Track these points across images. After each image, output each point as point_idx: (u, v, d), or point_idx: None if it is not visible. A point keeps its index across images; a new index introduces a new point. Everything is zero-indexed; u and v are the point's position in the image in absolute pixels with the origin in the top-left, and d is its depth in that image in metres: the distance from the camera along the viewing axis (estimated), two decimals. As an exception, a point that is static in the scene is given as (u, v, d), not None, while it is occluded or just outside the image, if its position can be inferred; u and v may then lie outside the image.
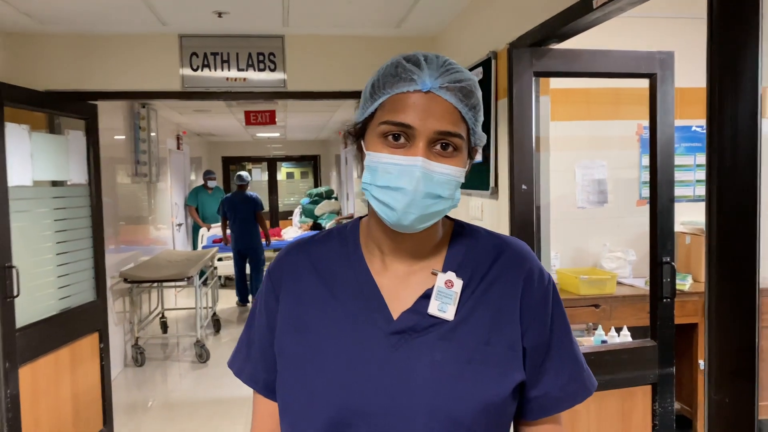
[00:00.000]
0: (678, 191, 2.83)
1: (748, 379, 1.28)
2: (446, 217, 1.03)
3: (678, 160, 2.95)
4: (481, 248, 0.99)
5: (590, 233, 3.93)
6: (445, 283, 0.93)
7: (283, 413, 0.96)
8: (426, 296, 0.93)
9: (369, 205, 0.94)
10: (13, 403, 2.91)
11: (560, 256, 3.88)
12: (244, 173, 7.69)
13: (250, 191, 7.59)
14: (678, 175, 3.05)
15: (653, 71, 2.46)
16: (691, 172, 4.01)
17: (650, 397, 2.57)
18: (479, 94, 0.92)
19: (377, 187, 0.89)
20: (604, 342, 2.76)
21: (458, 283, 0.93)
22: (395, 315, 0.93)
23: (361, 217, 1.04)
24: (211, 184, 9.07)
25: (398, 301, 0.94)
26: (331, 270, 0.98)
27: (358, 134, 0.95)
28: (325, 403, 0.89)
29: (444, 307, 0.92)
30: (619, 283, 3.63)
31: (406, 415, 0.87)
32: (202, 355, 5.42)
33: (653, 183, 2.50)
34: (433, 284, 0.93)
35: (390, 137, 0.88)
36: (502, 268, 0.96)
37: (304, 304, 0.97)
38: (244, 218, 7.35)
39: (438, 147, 0.87)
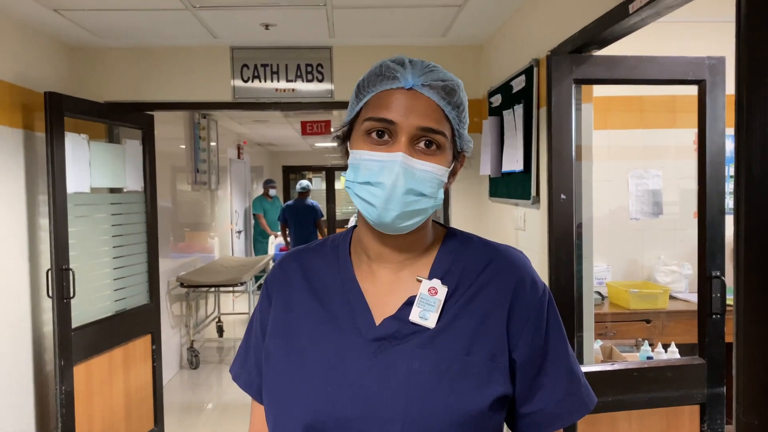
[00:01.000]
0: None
1: (780, 401, 1.21)
2: (440, 224, 1.02)
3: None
4: (471, 255, 0.96)
5: (644, 246, 3.80)
6: (429, 290, 0.91)
7: (267, 417, 0.96)
8: (410, 303, 0.92)
9: (358, 211, 0.94)
10: (67, 399, 3.05)
11: (612, 269, 3.76)
12: (305, 182, 7.86)
13: (310, 199, 7.75)
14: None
15: (702, 78, 2.37)
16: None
17: (698, 418, 2.45)
18: (463, 95, 0.92)
19: (358, 184, 0.89)
20: (649, 358, 2.65)
21: (442, 291, 0.91)
22: (378, 321, 0.91)
23: (354, 227, 1.04)
24: (271, 192, 9.23)
25: (383, 307, 0.93)
26: (319, 277, 0.99)
27: (345, 136, 0.96)
28: (302, 409, 0.88)
29: (426, 315, 0.90)
30: (673, 298, 3.49)
31: (381, 423, 0.85)
32: (254, 360, 5.52)
33: (701, 194, 2.40)
34: (418, 291, 0.92)
35: (374, 134, 0.88)
36: (491, 276, 0.94)
37: (291, 311, 0.97)
38: (304, 225, 7.52)
39: (421, 144, 0.87)
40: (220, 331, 6.53)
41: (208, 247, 6.98)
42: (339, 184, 13.97)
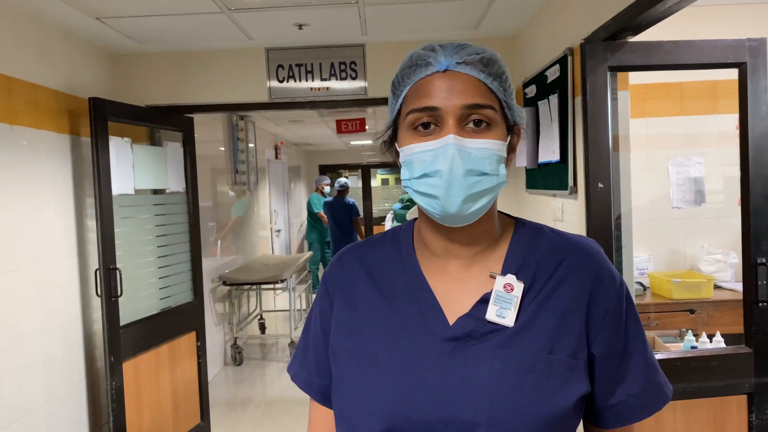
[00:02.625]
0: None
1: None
2: (508, 215, 0.98)
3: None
4: (545, 248, 0.92)
5: (687, 234, 3.73)
6: (504, 287, 0.87)
7: (339, 422, 0.93)
8: (484, 301, 0.88)
9: (418, 207, 0.91)
10: (117, 394, 3.16)
11: (654, 259, 3.70)
12: (344, 179, 7.90)
13: (349, 198, 7.79)
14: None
15: (743, 60, 2.32)
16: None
17: (746, 408, 2.40)
18: (503, 65, 0.88)
19: (415, 180, 0.85)
20: (693, 348, 2.61)
21: (518, 287, 0.87)
22: (451, 320, 0.87)
23: (415, 219, 1.00)
24: (326, 189, 8.96)
25: (454, 305, 0.89)
26: (384, 274, 0.95)
27: (392, 139, 0.92)
28: (379, 413, 0.85)
29: (503, 313, 0.86)
30: (718, 288, 3.41)
31: (463, 426, 0.82)
32: (296, 356, 5.60)
33: (744, 179, 2.35)
34: (492, 288, 0.88)
35: (420, 127, 0.85)
36: (568, 270, 0.90)
37: (357, 310, 0.94)
38: (341, 223, 7.59)
39: (471, 124, 0.83)
40: (263, 328, 6.64)
41: (249, 245, 7.10)
42: (375, 182, 14.03)
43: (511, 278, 0.88)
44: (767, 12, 3.18)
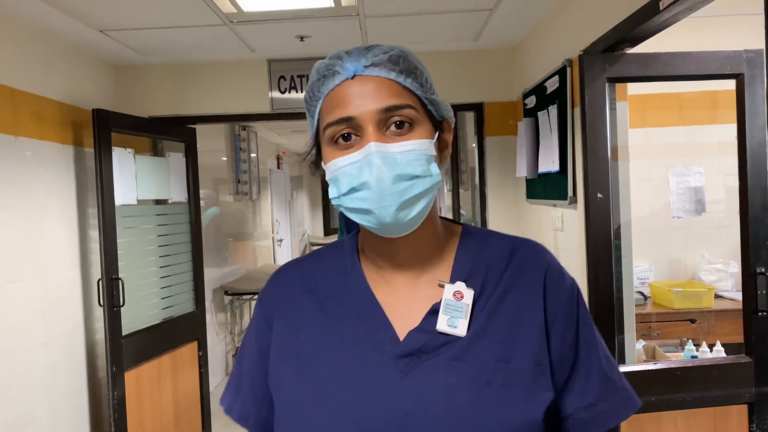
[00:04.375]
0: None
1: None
2: (453, 222, 0.94)
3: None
4: (492, 252, 0.87)
5: (687, 244, 3.74)
6: (454, 295, 0.82)
7: None
8: (434, 311, 0.82)
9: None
10: (119, 404, 3.17)
11: (654, 269, 3.71)
12: None
13: None
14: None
15: (740, 71, 2.34)
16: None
17: (747, 417, 2.40)
18: (413, 59, 0.83)
19: (344, 196, 0.80)
20: (694, 357, 2.61)
21: (468, 294, 0.83)
22: (402, 335, 0.82)
23: (358, 230, 0.94)
24: None
25: (404, 319, 0.83)
26: (328, 291, 0.89)
27: (317, 158, 0.87)
28: None
29: (454, 322, 0.81)
30: (719, 297, 3.42)
31: None
32: (297, 366, 5.60)
33: (743, 189, 2.37)
34: (441, 298, 0.83)
35: (340, 140, 0.80)
36: (517, 271, 0.86)
37: (300, 331, 0.87)
38: (351, 224, 7.59)
39: (392, 128, 0.78)
40: (264, 338, 6.63)
41: (251, 255, 7.11)
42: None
43: (460, 285, 0.83)
44: (763, 23, 3.20)
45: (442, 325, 0.81)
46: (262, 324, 0.92)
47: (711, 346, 2.70)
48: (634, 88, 3.12)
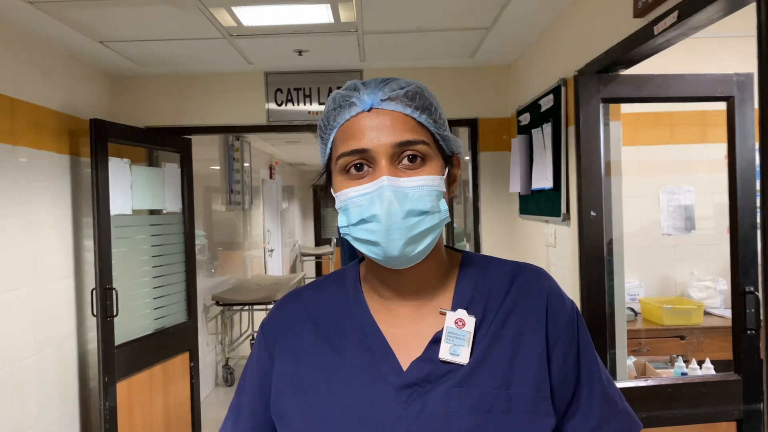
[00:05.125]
0: None
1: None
2: (454, 249, 0.94)
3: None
4: (493, 278, 0.88)
5: (677, 261, 3.78)
6: (456, 323, 0.83)
7: None
8: (437, 340, 0.83)
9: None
10: (110, 415, 3.15)
11: (645, 285, 3.75)
12: None
13: None
14: None
15: (730, 94, 2.39)
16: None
17: (735, 435, 2.43)
18: (429, 95, 0.85)
19: (354, 226, 0.81)
20: (684, 374, 2.65)
21: (470, 322, 0.83)
22: (405, 365, 0.82)
23: (361, 259, 0.95)
24: None
25: (408, 349, 0.84)
26: (330, 320, 0.89)
27: (327, 183, 0.88)
28: None
29: (456, 350, 0.81)
30: (708, 314, 3.46)
31: None
32: (288, 377, 5.59)
33: (733, 209, 2.41)
34: (443, 326, 0.83)
35: (352, 169, 0.81)
36: (519, 295, 0.86)
37: (302, 362, 0.87)
38: (349, 245, 7.55)
39: (404, 161, 0.80)
40: (254, 348, 6.62)
41: (242, 265, 7.11)
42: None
43: (461, 313, 0.84)
44: (754, 46, 3.27)
45: (445, 353, 0.82)
46: (264, 354, 0.92)
47: (700, 363, 2.73)
48: (627, 107, 3.17)
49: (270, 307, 6.18)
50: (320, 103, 3.85)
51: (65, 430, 3.17)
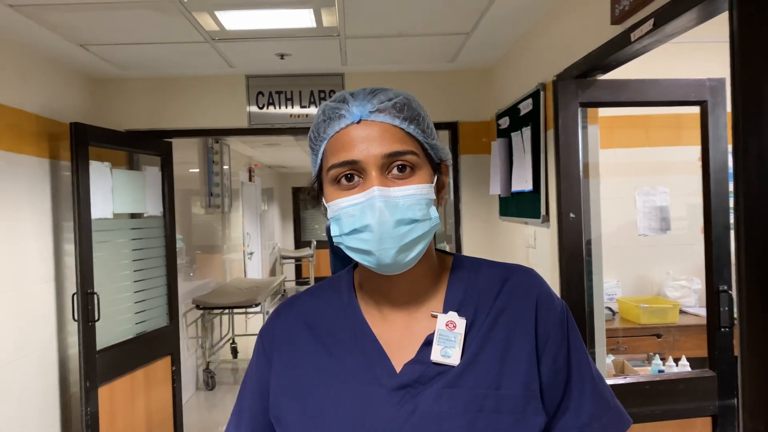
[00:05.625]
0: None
1: (784, 408, 1.28)
2: (445, 252, 0.96)
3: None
4: (483, 281, 0.90)
5: (653, 261, 3.86)
6: (447, 325, 0.85)
7: None
8: (428, 342, 0.85)
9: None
10: (92, 420, 3.13)
11: (622, 285, 3.82)
12: None
13: None
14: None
15: (704, 99, 2.46)
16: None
17: (711, 430, 2.50)
18: (417, 106, 0.87)
19: (346, 236, 0.83)
20: (661, 371, 2.71)
21: (461, 323, 0.85)
22: (398, 368, 0.85)
23: (355, 265, 0.97)
24: None
25: (401, 352, 0.86)
26: (326, 326, 0.91)
27: (318, 193, 0.91)
28: None
29: (447, 352, 0.84)
30: (683, 313, 3.54)
31: None
32: (269, 380, 5.59)
33: (707, 210, 2.48)
34: (435, 329, 0.86)
35: (342, 180, 0.83)
36: (508, 298, 0.88)
37: (300, 366, 0.90)
38: (337, 247, 7.55)
39: (394, 171, 0.82)
40: (234, 352, 6.60)
41: (222, 269, 7.08)
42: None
43: (452, 315, 0.86)
44: (727, 51, 3.36)
45: (436, 355, 0.84)
46: (263, 359, 0.95)
47: (677, 360, 2.80)
48: (604, 110, 3.24)
49: (250, 310, 6.18)
50: (302, 106, 3.87)
51: (46, 437, 3.14)
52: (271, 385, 0.92)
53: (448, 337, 0.84)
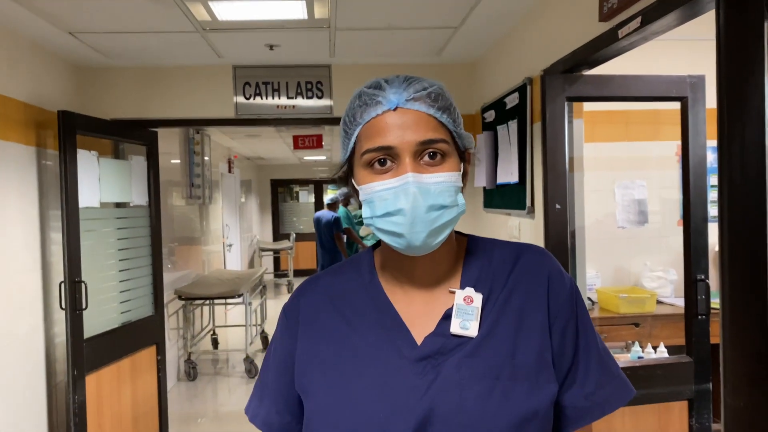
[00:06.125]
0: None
1: (764, 385, 1.36)
2: (460, 233, 1.01)
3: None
4: (498, 259, 0.96)
5: (631, 253, 3.96)
6: (464, 300, 0.90)
7: None
8: (447, 316, 0.90)
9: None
10: (80, 408, 3.14)
11: (601, 275, 3.92)
12: (333, 195, 7.75)
13: (331, 212, 7.62)
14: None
15: (684, 95, 2.54)
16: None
17: (687, 413, 2.61)
18: (449, 96, 0.91)
19: (378, 218, 0.87)
20: (640, 358, 2.81)
21: (478, 298, 0.91)
22: (419, 341, 0.90)
23: (374, 247, 1.02)
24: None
25: (421, 326, 0.91)
26: (349, 303, 0.96)
27: (347, 175, 0.95)
28: None
29: (466, 324, 0.89)
30: (660, 302, 3.65)
31: None
32: (251, 370, 5.62)
33: (686, 203, 2.57)
34: (454, 303, 0.91)
35: (376, 164, 0.86)
36: (521, 274, 0.94)
37: (324, 341, 0.94)
38: (324, 237, 7.56)
39: (426, 158, 0.86)
40: (215, 343, 6.60)
41: (202, 260, 7.06)
42: (326, 197, 14.10)
43: (469, 291, 0.91)
44: (705, 49, 3.46)
45: (455, 327, 0.89)
46: (287, 335, 0.99)
47: (655, 348, 2.90)
48: (586, 105, 3.32)
49: (230, 301, 6.18)
50: (288, 97, 3.89)
51: (32, 424, 3.14)
52: (296, 359, 0.96)
53: (466, 311, 0.89)
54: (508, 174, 3.12)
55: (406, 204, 0.84)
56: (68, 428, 3.14)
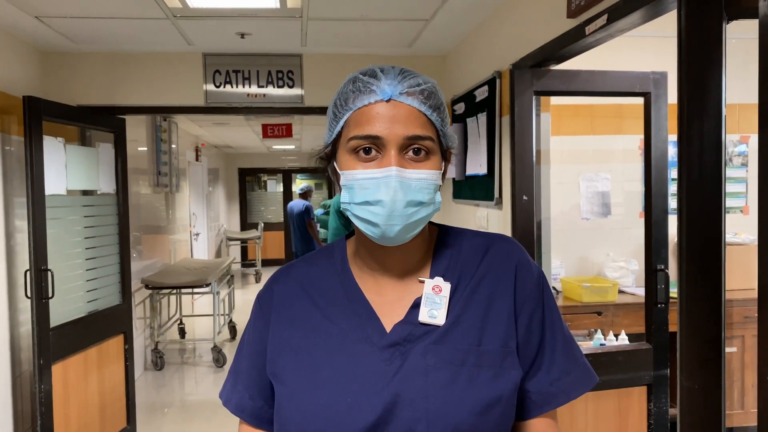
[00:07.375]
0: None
1: (716, 369, 1.44)
2: (431, 223, 1.02)
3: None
4: (467, 249, 0.98)
5: (594, 243, 4.06)
6: (433, 289, 0.92)
7: None
8: (416, 305, 0.92)
9: (355, 227, 0.94)
10: (46, 398, 3.11)
11: (565, 265, 4.02)
12: (305, 184, 7.93)
13: (304, 201, 7.77)
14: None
15: (647, 90, 2.63)
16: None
17: (646, 397, 2.71)
18: (441, 95, 0.92)
19: (356, 205, 0.88)
20: (602, 345, 2.90)
21: (446, 287, 0.93)
22: (389, 329, 0.92)
23: (347, 235, 1.04)
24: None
25: (391, 315, 0.93)
26: (321, 291, 0.98)
27: (329, 156, 0.95)
28: (324, 425, 0.88)
29: (434, 313, 0.91)
30: (621, 292, 3.76)
31: (404, 423, 0.86)
32: (219, 360, 5.61)
33: (648, 195, 2.66)
34: (423, 292, 0.93)
35: (361, 152, 0.87)
36: (490, 264, 0.96)
37: (296, 326, 0.96)
38: (297, 225, 7.65)
39: (410, 153, 0.87)
40: (182, 332, 6.57)
41: (169, 249, 6.99)
42: (295, 186, 14.05)
43: (438, 280, 0.93)
44: (667, 45, 3.56)
45: (423, 316, 0.91)
46: (260, 322, 1.01)
47: (616, 335, 3.00)
48: (553, 99, 3.40)
49: (198, 291, 6.15)
50: (259, 86, 3.88)
51: (-3, 415, 3.10)
52: (269, 344, 0.98)
53: (434, 300, 0.91)
54: (477, 165, 3.18)
55: (386, 196, 0.85)
56: (34, 418, 3.11)
